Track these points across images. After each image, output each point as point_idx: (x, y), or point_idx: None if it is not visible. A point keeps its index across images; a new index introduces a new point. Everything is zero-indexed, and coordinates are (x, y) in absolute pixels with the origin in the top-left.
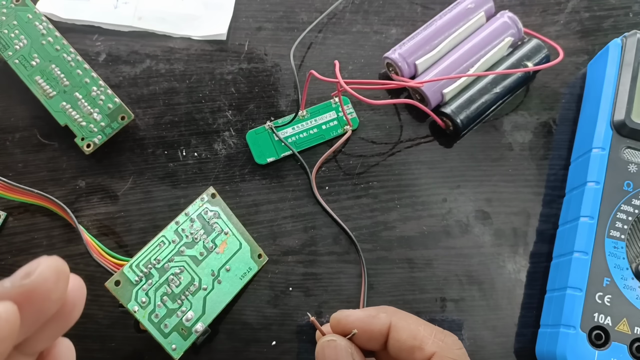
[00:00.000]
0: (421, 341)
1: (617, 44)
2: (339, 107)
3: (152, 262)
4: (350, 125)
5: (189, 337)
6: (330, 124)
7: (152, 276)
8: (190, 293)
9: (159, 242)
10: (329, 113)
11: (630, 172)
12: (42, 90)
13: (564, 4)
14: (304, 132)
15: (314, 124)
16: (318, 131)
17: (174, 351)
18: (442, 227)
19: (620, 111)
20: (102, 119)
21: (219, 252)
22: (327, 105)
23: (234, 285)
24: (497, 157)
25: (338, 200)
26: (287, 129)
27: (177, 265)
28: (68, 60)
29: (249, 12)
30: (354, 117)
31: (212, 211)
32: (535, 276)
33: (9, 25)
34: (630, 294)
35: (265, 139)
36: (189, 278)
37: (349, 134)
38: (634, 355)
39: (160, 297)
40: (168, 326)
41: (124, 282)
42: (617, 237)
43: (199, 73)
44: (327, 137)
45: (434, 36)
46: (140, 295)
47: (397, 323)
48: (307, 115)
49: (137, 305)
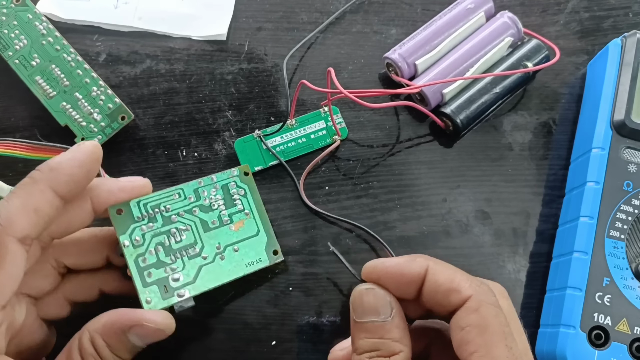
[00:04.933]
0: (458, 284)
1: (616, 44)
2: (329, 116)
3: (161, 208)
4: (339, 135)
5: (168, 298)
6: (319, 134)
7: (155, 221)
8: (187, 255)
9: (175, 193)
10: (318, 122)
11: (630, 172)
12: (43, 91)
13: (564, 4)
14: (293, 142)
15: (302, 133)
16: (307, 140)
17: (147, 304)
18: (442, 227)
19: (620, 111)
20: (102, 119)
21: (232, 229)
22: (316, 115)
23: (236, 269)
24: (497, 157)
25: (338, 200)
26: (275, 138)
27: (185, 222)
28: (68, 61)
29: (249, 12)
30: (343, 127)
31: (240, 187)
32: (535, 276)
33: (9, 26)
34: (630, 293)
35: (253, 147)
36: (191, 239)
37: (337, 144)
38: (633, 355)
39: (156, 244)
40: (152, 276)
41: (126, 213)
42: (616, 237)
43: (199, 73)
44: (315, 147)
45: (433, 36)
46: (137, 234)
47: (434, 267)
48: (295, 125)
49: (129, 241)
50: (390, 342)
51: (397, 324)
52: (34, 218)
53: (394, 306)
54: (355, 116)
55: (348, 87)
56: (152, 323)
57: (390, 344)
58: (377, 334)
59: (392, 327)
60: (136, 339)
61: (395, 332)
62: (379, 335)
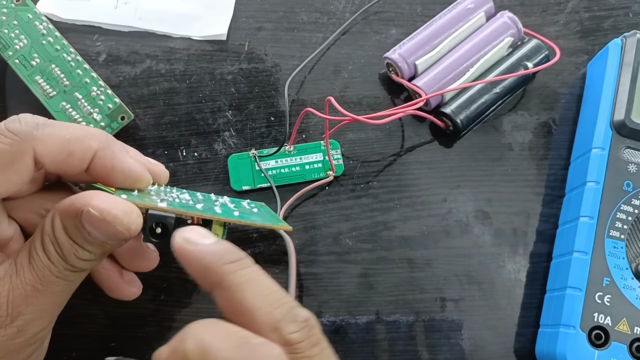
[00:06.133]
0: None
1: (617, 44)
2: (326, 151)
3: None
4: (334, 171)
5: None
6: (314, 166)
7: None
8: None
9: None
10: (316, 154)
11: (630, 172)
12: (42, 90)
13: (564, 4)
14: (286, 168)
15: (298, 162)
16: (300, 170)
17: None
18: (442, 227)
19: (620, 111)
20: (102, 119)
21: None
22: (315, 146)
23: (243, 216)
24: (497, 157)
25: (338, 200)
26: (270, 161)
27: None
28: (68, 60)
29: (249, 12)
30: (340, 163)
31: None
32: (535, 276)
33: (9, 25)
34: (630, 294)
35: (246, 166)
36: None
37: (329, 180)
38: (633, 355)
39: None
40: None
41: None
42: (617, 237)
43: (199, 73)
44: (307, 178)
45: (434, 36)
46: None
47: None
48: (293, 152)
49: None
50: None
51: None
52: (62, 158)
53: None
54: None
55: (348, 87)
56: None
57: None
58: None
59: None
60: (91, 228)
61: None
62: None
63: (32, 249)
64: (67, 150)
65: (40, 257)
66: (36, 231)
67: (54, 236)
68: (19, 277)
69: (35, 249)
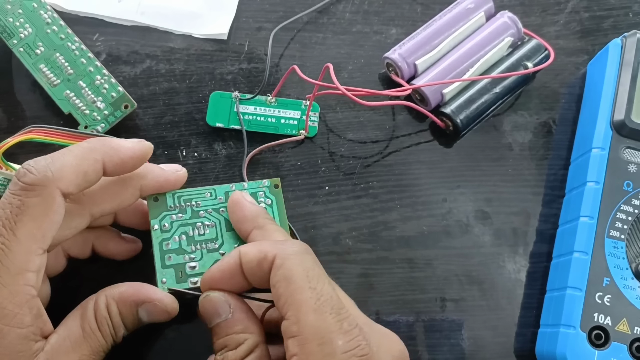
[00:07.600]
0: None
1: (617, 44)
2: (306, 110)
3: (192, 202)
4: (307, 132)
5: (181, 283)
6: (290, 122)
7: (185, 212)
8: (207, 248)
9: (208, 192)
10: (294, 111)
11: (630, 172)
12: (47, 79)
13: (564, 4)
14: (263, 117)
15: (275, 114)
16: (275, 122)
17: (162, 284)
18: (442, 227)
19: (620, 111)
20: (105, 107)
21: None
22: (296, 104)
23: None
24: (497, 157)
25: (338, 200)
26: (248, 106)
27: (211, 219)
28: (72, 49)
29: (249, 12)
30: (315, 125)
31: (268, 197)
32: (535, 276)
33: (14, 14)
34: (630, 294)
35: (225, 105)
36: (213, 235)
37: (300, 138)
38: (633, 355)
39: (180, 233)
40: (171, 259)
41: (161, 201)
42: (617, 237)
43: (199, 73)
44: (280, 131)
45: (433, 36)
46: (166, 221)
47: (244, 249)
48: (274, 103)
49: (158, 225)
50: (234, 336)
51: (238, 318)
52: (81, 179)
53: (231, 302)
54: (355, 116)
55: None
56: (162, 304)
57: (234, 337)
58: (223, 333)
59: (234, 322)
60: (145, 314)
61: (238, 326)
62: (225, 333)
63: (86, 326)
64: (81, 172)
65: (96, 336)
66: (85, 311)
67: (111, 320)
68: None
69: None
